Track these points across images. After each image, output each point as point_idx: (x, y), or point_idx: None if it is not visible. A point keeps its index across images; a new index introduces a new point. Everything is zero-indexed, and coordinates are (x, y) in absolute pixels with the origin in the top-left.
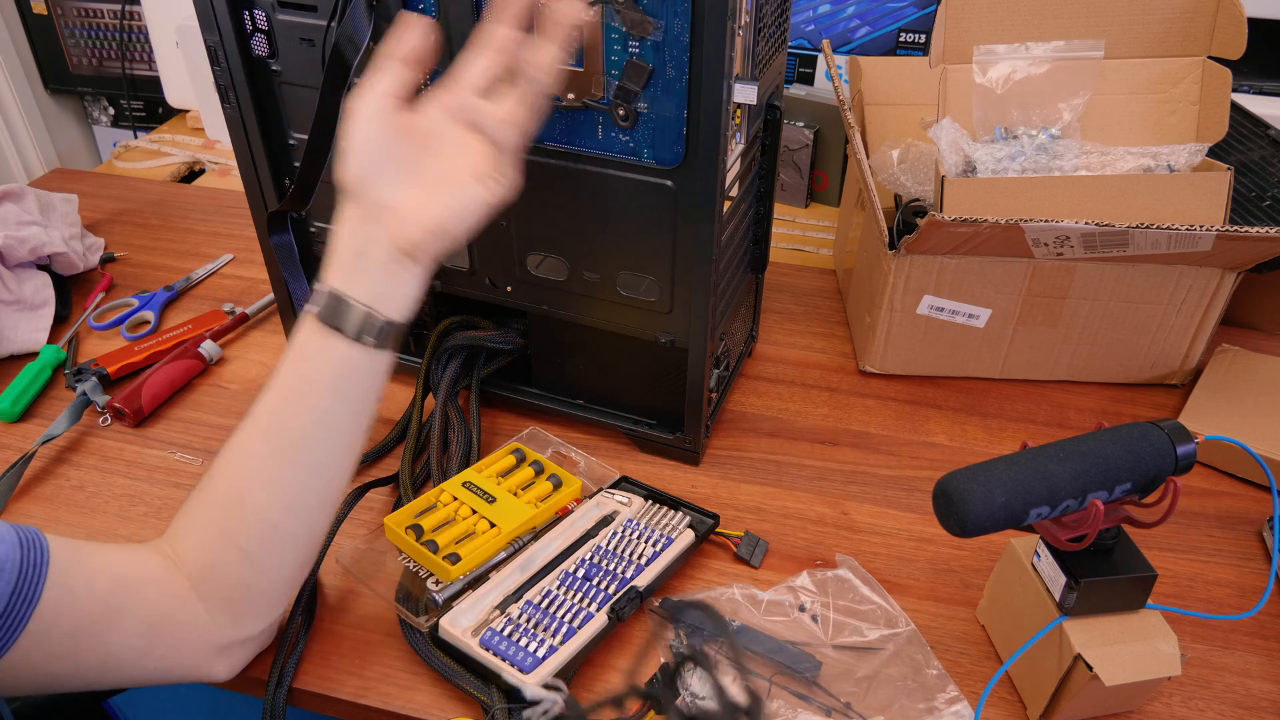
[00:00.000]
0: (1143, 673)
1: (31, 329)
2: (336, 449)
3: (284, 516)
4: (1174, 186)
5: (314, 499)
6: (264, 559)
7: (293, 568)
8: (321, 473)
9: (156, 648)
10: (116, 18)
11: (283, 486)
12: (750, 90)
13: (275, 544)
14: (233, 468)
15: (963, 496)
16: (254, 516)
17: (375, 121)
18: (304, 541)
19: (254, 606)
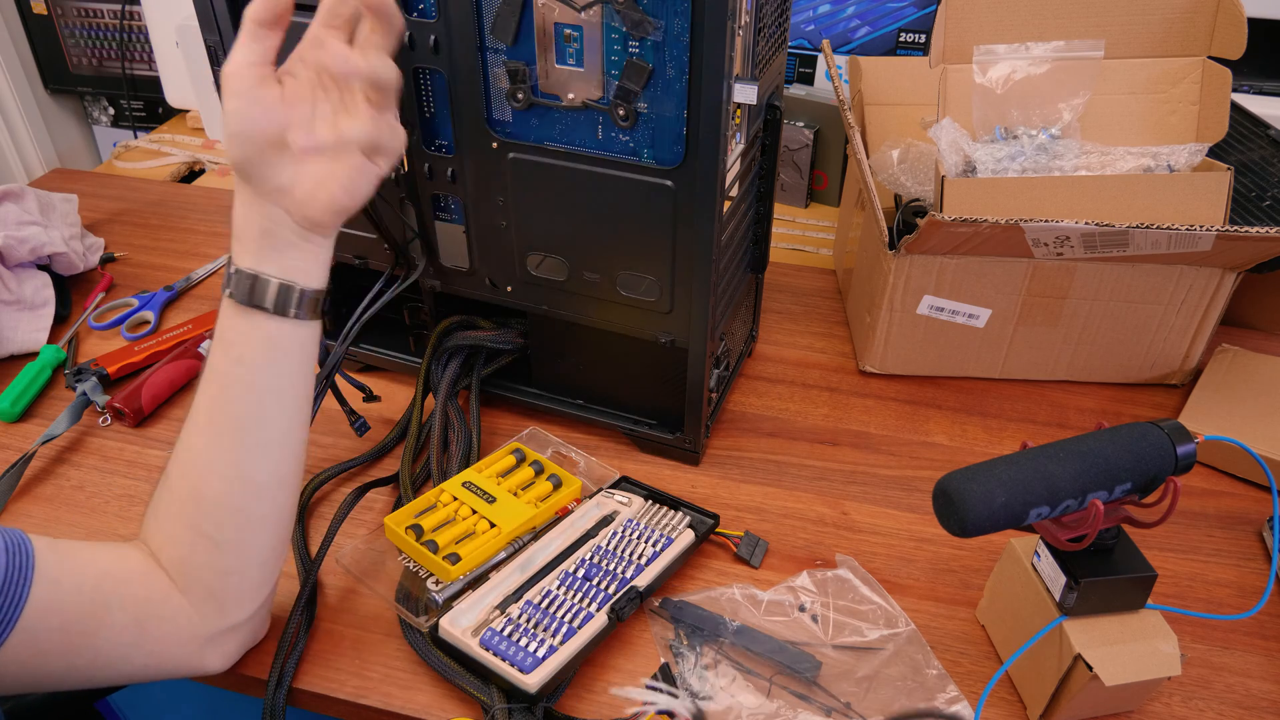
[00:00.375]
0: (1143, 673)
1: (31, 329)
2: (282, 424)
3: (245, 500)
4: (1174, 186)
5: (271, 476)
6: (235, 544)
7: (267, 549)
8: (273, 450)
9: (145, 642)
10: (116, 18)
11: (237, 471)
12: (750, 90)
13: (242, 528)
14: (185, 464)
15: (963, 496)
16: (215, 505)
17: (246, 99)
18: (272, 520)
19: (235, 592)
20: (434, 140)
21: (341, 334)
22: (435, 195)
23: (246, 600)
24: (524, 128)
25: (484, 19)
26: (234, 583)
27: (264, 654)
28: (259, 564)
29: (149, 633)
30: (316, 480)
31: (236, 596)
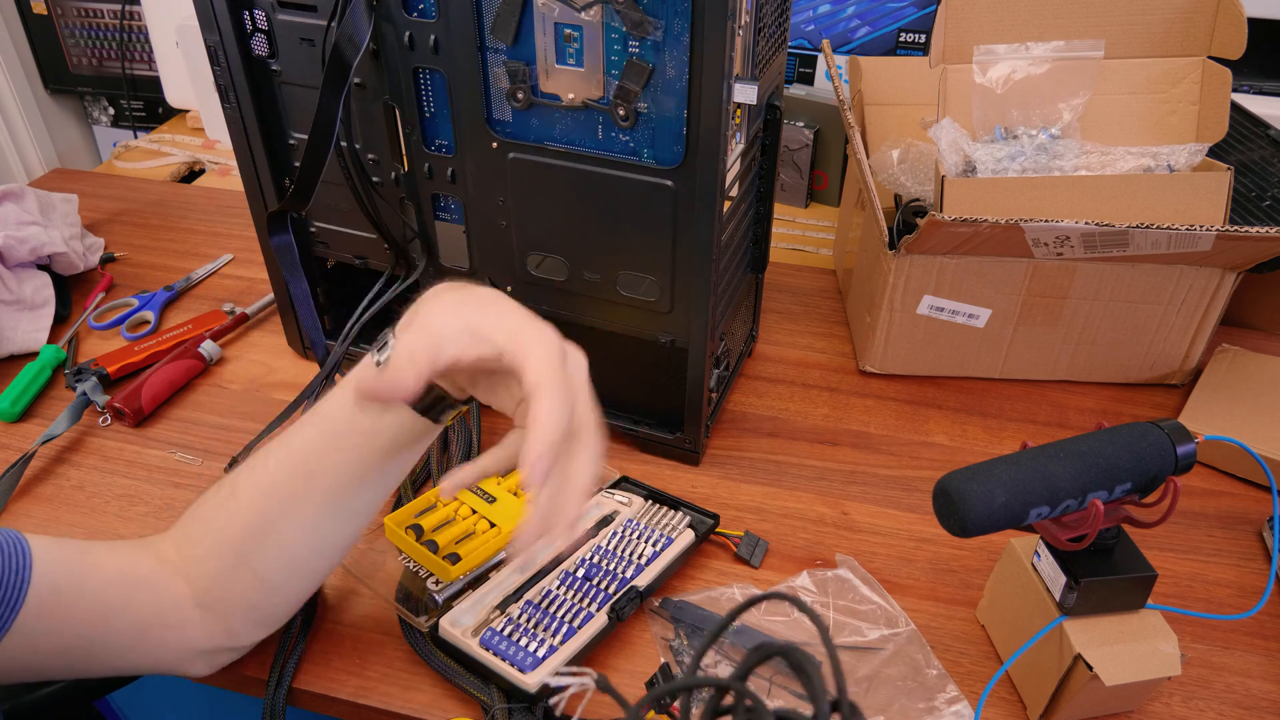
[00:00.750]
0: (1143, 673)
1: (31, 329)
2: (374, 500)
3: (310, 553)
4: (1174, 186)
5: (342, 540)
6: (280, 587)
7: (305, 594)
8: (356, 519)
9: (143, 647)
10: (116, 18)
11: (315, 526)
12: (750, 90)
13: (295, 575)
14: (264, 497)
15: (963, 496)
16: (278, 547)
17: None
18: (322, 572)
19: (256, 625)
20: (434, 140)
21: (342, 334)
22: (435, 195)
23: (262, 632)
24: (524, 128)
25: (484, 19)
26: (259, 616)
27: (264, 654)
28: (291, 605)
29: (149, 639)
30: None
31: (255, 628)
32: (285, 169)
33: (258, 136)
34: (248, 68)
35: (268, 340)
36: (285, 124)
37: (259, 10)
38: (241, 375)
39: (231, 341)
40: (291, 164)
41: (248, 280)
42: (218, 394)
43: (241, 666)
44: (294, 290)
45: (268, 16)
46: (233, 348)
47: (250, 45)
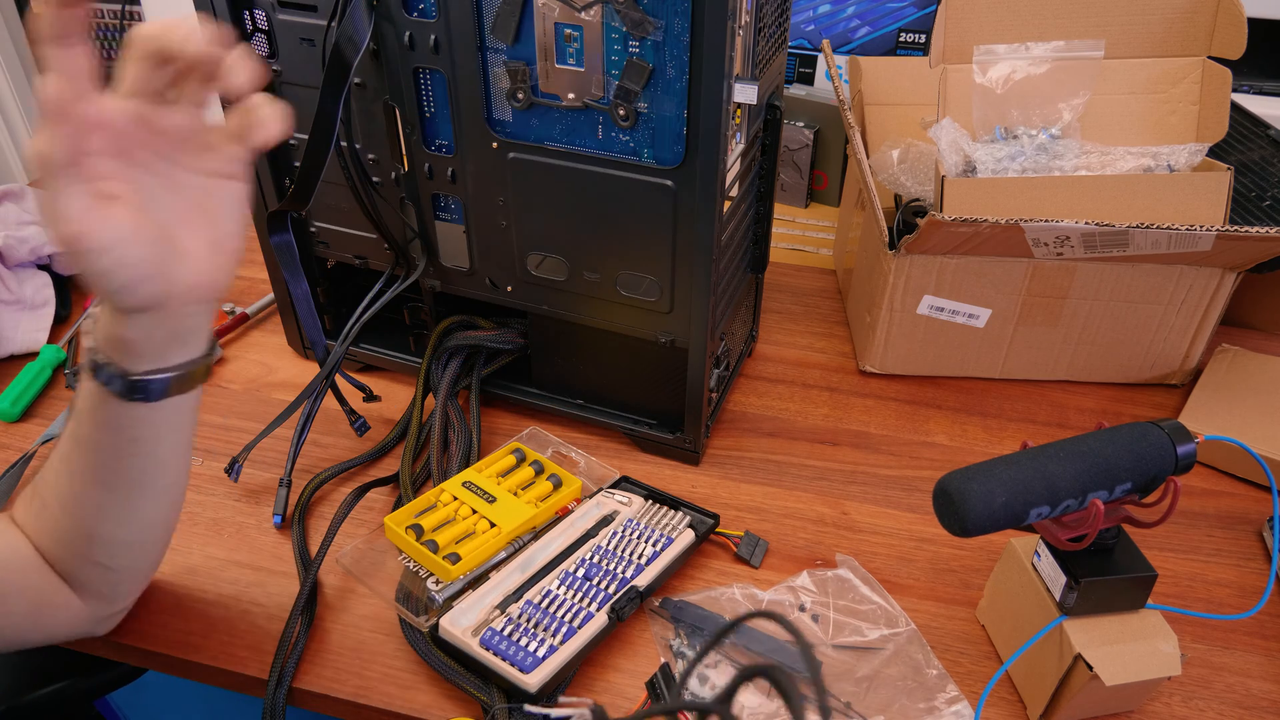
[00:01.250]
0: (1143, 673)
1: (31, 329)
2: (179, 467)
3: (140, 534)
4: (1174, 186)
5: (165, 511)
6: (125, 566)
7: (155, 557)
8: (170, 491)
9: (41, 625)
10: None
11: (134, 516)
12: (750, 90)
13: (135, 553)
14: (73, 509)
15: (963, 496)
16: (108, 542)
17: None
18: (163, 537)
19: (127, 591)
20: (434, 140)
21: (342, 334)
22: (435, 195)
23: (135, 592)
24: (524, 128)
25: (484, 19)
26: (125, 587)
27: (264, 654)
28: (148, 568)
29: (44, 617)
30: (316, 480)
31: (127, 593)
32: (285, 169)
33: None
34: None
35: (268, 340)
36: None
37: (259, 10)
38: (241, 375)
39: (231, 341)
40: (291, 164)
41: (248, 280)
42: (218, 394)
43: (241, 666)
44: (294, 290)
45: (268, 16)
46: (233, 348)
47: (250, 45)
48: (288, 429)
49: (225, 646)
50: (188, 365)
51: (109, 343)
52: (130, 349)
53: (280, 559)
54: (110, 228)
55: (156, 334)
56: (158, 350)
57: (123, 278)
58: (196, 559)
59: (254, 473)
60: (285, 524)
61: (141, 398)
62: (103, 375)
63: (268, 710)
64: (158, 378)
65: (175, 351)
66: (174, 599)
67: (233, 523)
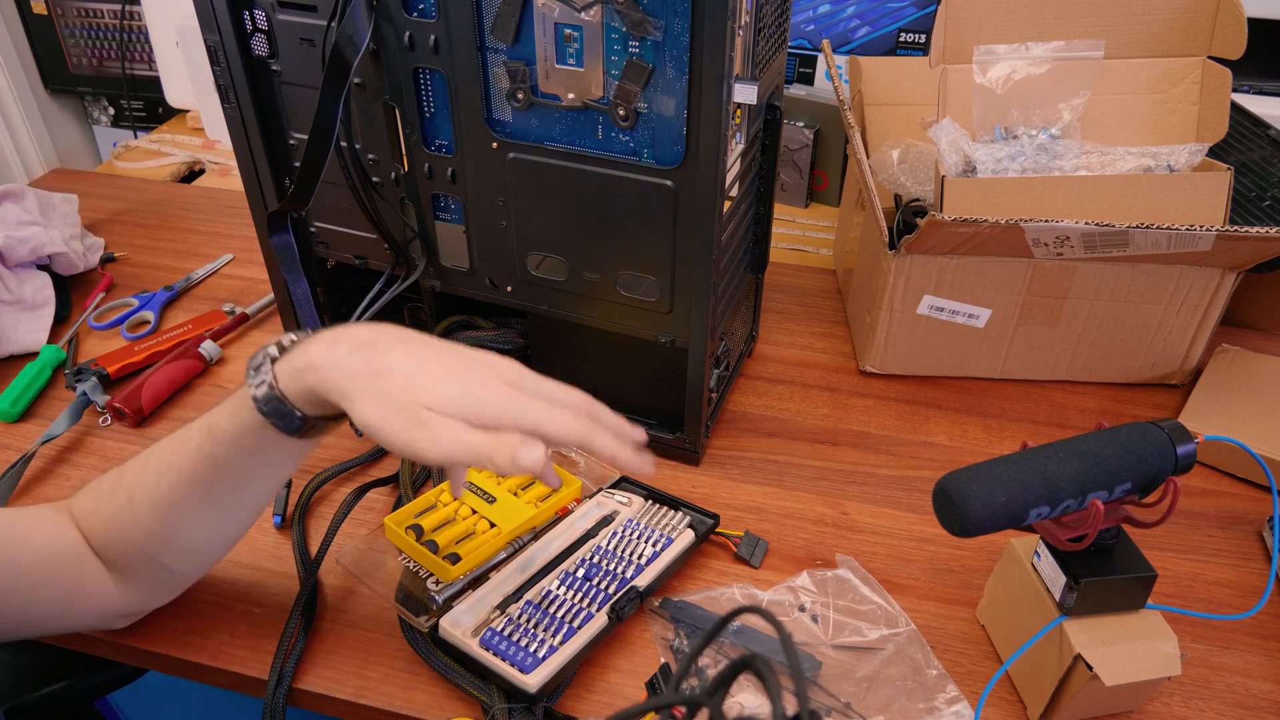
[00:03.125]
0: (1143, 673)
1: (31, 329)
2: (274, 488)
3: (216, 546)
4: (1174, 186)
5: (242, 530)
6: (187, 572)
7: (210, 567)
8: (256, 510)
9: (69, 612)
10: (116, 18)
11: (222, 531)
12: (750, 90)
13: (202, 562)
14: (164, 512)
15: (963, 496)
16: (181, 547)
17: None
18: (228, 548)
19: (167, 595)
20: (434, 140)
21: None
22: (435, 195)
23: (172, 597)
24: (524, 128)
25: (484, 19)
26: (169, 590)
27: (264, 654)
28: (198, 576)
29: (74, 605)
30: (316, 480)
31: (166, 597)
32: (285, 169)
33: (258, 136)
34: (248, 68)
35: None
36: (285, 124)
37: (259, 10)
38: (241, 375)
39: (231, 341)
40: (291, 164)
41: (248, 280)
42: (218, 394)
43: (241, 666)
44: (294, 290)
45: (268, 16)
46: (233, 348)
47: (250, 45)
48: None
49: (225, 646)
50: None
51: (305, 398)
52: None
53: (280, 559)
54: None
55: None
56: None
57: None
58: None
59: None
60: (285, 524)
61: (298, 435)
62: (279, 417)
63: (268, 710)
64: (321, 420)
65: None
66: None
67: None
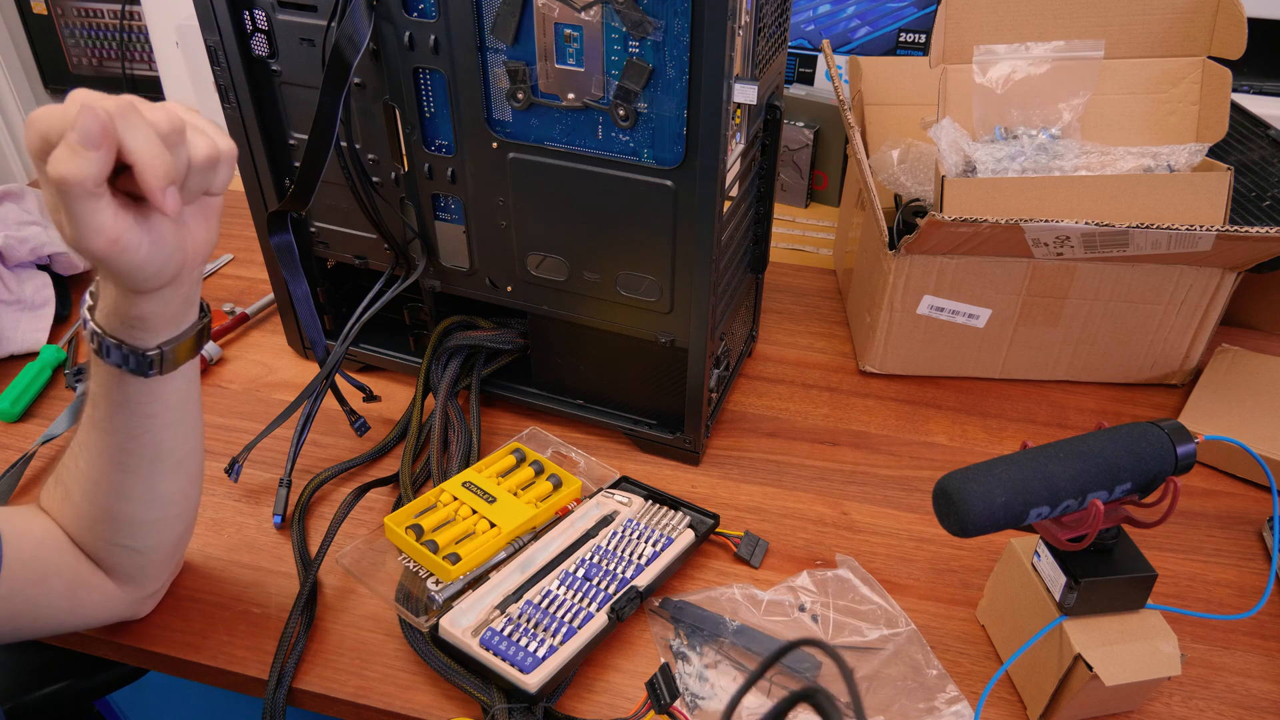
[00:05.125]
0: (1143, 673)
1: (31, 329)
2: (191, 440)
3: (161, 511)
4: (1174, 186)
5: (183, 484)
6: (151, 546)
7: (180, 535)
8: (185, 463)
9: (78, 608)
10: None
11: (154, 494)
12: (750, 90)
13: (159, 532)
14: (93, 493)
15: (963, 496)
16: (131, 522)
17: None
18: (184, 513)
19: (156, 573)
20: (434, 140)
21: (342, 334)
22: (435, 195)
23: (165, 573)
24: (524, 128)
25: (484, 19)
26: (153, 569)
27: (264, 654)
28: (173, 547)
29: (81, 598)
30: (316, 480)
31: (157, 575)
32: (285, 169)
33: (258, 136)
34: (248, 68)
35: (268, 340)
36: (285, 124)
37: (259, 10)
38: (241, 375)
39: (231, 341)
40: (291, 164)
41: (248, 280)
42: (218, 394)
43: (241, 666)
44: (294, 290)
45: (268, 16)
46: (233, 348)
47: (250, 45)
48: (288, 429)
49: (225, 646)
50: (191, 329)
51: (122, 324)
52: (146, 325)
53: (280, 559)
54: (138, 233)
55: (173, 303)
56: (170, 320)
57: (148, 272)
58: (196, 559)
59: (254, 473)
60: (285, 524)
61: (156, 371)
62: (116, 356)
63: (268, 710)
64: (167, 348)
65: (183, 318)
66: (174, 599)
67: (233, 523)
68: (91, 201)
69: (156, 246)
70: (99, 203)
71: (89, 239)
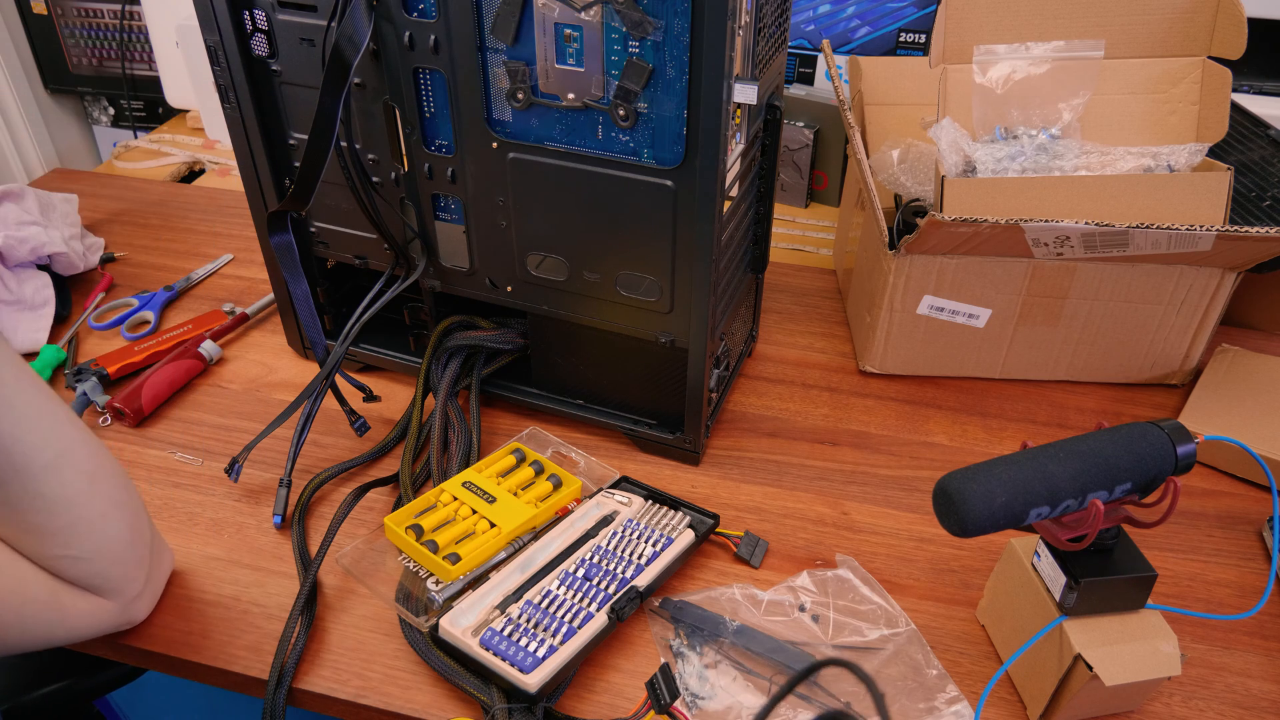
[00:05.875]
0: (1143, 673)
1: (31, 329)
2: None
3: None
4: (1174, 186)
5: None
6: (93, 550)
7: (121, 532)
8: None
9: (67, 619)
10: (116, 18)
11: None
12: (750, 90)
13: (89, 536)
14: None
15: (963, 496)
16: (50, 532)
17: None
18: (109, 512)
19: (121, 578)
20: (434, 140)
21: (342, 334)
22: (435, 195)
23: (136, 575)
24: (524, 128)
25: (484, 19)
26: (115, 573)
27: (264, 654)
28: (125, 546)
29: (66, 614)
30: (316, 480)
31: (122, 576)
32: (285, 169)
33: (258, 136)
34: (248, 68)
35: (268, 340)
36: (285, 124)
37: (259, 10)
38: (241, 375)
39: (231, 341)
40: (291, 164)
41: (248, 280)
42: (218, 394)
43: (241, 666)
44: (294, 290)
45: (268, 16)
46: (233, 348)
47: (250, 45)
48: (288, 429)
49: (225, 646)
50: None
51: None
52: None
53: (280, 559)
54: None
55: None
56: None
57: None
58: (196, 559)
59: (254, 473)
60: (285, 524)
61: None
62: None
63: (268, 710)
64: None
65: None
66: (174, 599)
67: (233, 523)
68: None
69: None
70: None
71: None
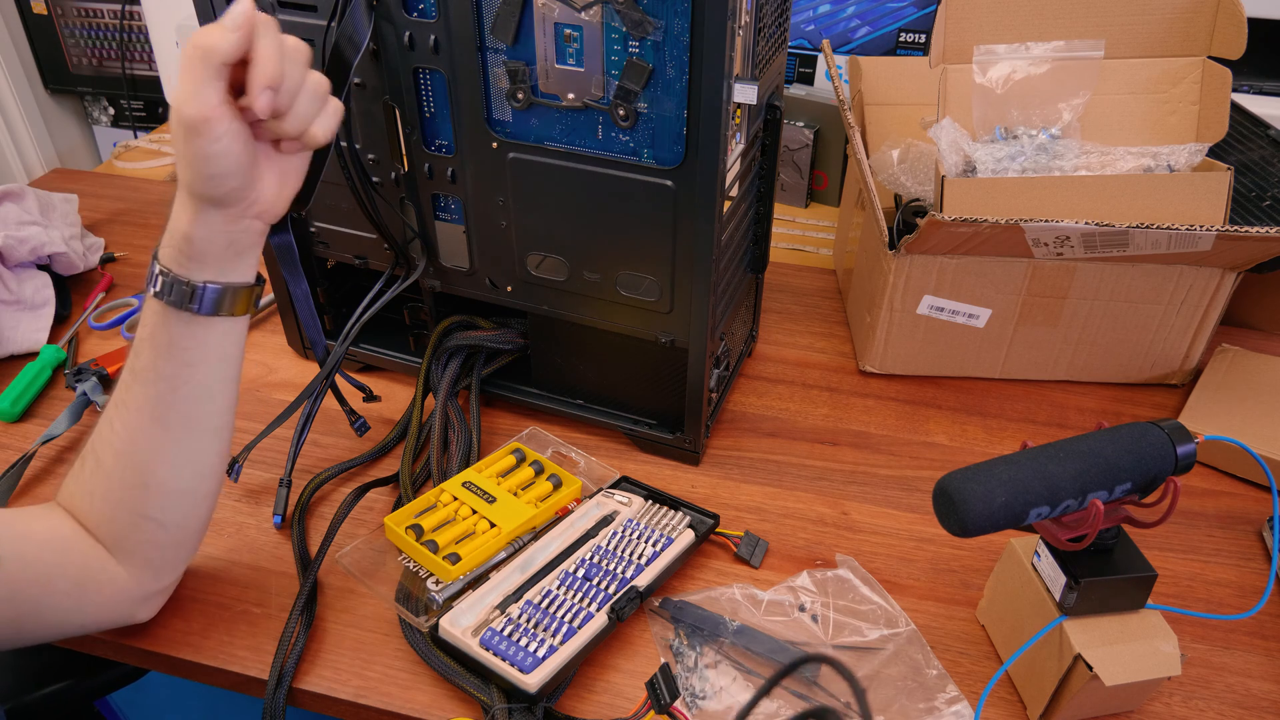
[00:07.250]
0: (1143, 673)
1: (31, 329)
2: (227, 406)
3: (192, 482)
4: (1174, 186)
5: (217, 456)
6: (178, 522)
7: (204, 516)
8: (221, 432)
9: (85, 606)
10: (116, 18)
11: (188, 458)
12: (750, 90)
13: (187, 506)
14: (126, 454)
15: (963, 496)
16: (163, 491)
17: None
18: (212, 491)
19: (172, 561)
20: (434, 140)
21: (342, 334)
22: (435, 195)
23: (180, 565)
24: (524, 128)
25: (484, 19)
26: (171, 554)
27: (264, 654)
28: (196, 531)
29: (89, 597)
30: (316, 480)
31: (173, 564)
32: None
33: None
34: None
35: (268, 340)
36: None
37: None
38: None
39: None
40: None
41: None
42: None
43: (241, 666)
44: (294, 290)
45: None
46: None
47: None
48: (288, 429)
49: (225, 646)
50: (238, 285)
51: (174, 245)
52: (193, 250)
53: (280, 559)
54: (229, 121)
55: (218, 238)
56: (216, 259)
57: (218, 166)
58: (196, 559)
59: (254, 473)
60: (285, 524)
61: (195, 306)
62: (161, 285)
63: (268, 710)
64: (211, 286)
65: (230, 267)
66: (174, 599)
67: (233, 523)
68: (212, 77)
69: (232, 144)
70: (217, 83)
71: (191, 103)
